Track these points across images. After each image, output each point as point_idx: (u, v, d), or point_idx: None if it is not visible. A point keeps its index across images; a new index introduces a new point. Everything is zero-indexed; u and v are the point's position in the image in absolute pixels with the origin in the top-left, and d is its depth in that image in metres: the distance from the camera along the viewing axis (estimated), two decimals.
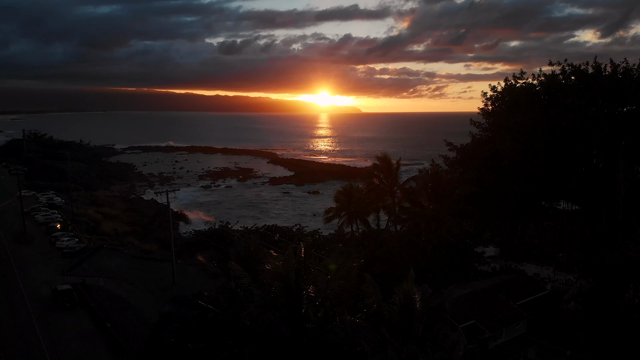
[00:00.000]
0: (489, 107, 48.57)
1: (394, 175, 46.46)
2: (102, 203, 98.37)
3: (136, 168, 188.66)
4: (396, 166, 48.09)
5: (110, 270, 56.41)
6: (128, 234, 78.35)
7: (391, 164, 47.11)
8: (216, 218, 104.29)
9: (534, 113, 40.89)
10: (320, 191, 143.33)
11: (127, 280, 53.28)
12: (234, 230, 62.90)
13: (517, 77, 47.26)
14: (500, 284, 35.23)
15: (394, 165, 47.72)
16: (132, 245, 69.21)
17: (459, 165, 47.10)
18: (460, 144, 49.32)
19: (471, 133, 50.10)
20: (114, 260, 60.41)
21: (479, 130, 49.10)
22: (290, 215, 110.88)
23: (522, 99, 43.79)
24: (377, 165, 48.75)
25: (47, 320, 44.05)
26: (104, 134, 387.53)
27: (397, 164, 48.00)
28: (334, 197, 48.86)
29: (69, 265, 57.15)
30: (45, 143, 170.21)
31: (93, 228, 75.81)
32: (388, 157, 47.97)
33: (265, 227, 62.88)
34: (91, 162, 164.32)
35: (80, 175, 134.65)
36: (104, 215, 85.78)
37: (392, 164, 47.54)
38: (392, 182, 45.99)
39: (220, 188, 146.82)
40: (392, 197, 46.04)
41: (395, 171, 47.11)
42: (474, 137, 49.22)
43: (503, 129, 42.39)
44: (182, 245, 64.23)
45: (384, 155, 48.61)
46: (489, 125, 47.59)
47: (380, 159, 48.27)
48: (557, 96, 42.52)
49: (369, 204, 46.62)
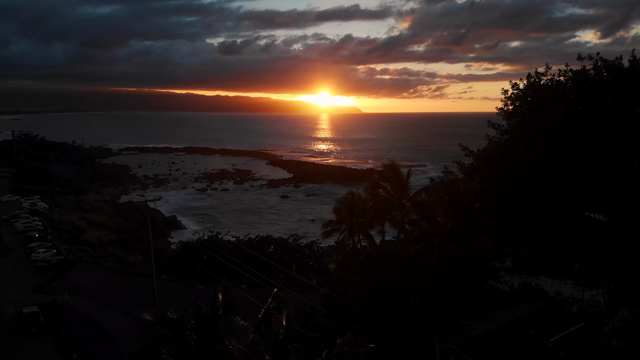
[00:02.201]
0: (509, 106, 43.14)
1: (403, 186, 40.26)
2: (88, 208, 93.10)
3: (131, 170, 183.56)
4: (406, 176, 42.18)
5: (87, 286, 51.21)
6: (113, 243, 73.17)
7: (400, 174, 40.95)
8: (209, 225, 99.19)
9: (565, 114, 35.49)
10: (320, 194, 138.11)
11: (104, 299, 48.06)
12: (224, 242, 57.64)
13: (540, 73, 41.87)
14: (528, 316, 29.97)
15: (403, 176, 41.86)
16: (115, 256, 64.03)
17: (475, 172, 41.51)
18: (477, 148, 43.70)
19: (488, 136, 44.58)
20: (92, 274, 55.20)
21: (497, 133, 43.56)
22: (288, 220, 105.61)
23: (550, 98, 38.40)
24: (383, 174, 42.34)
25: (10, 348, 38.92)
26: (102, 135, 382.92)
27: (407, 175, 41.81)
28: (333, 209, 43.21)
29: (42, 280, 51.97)
30: (36, 144, 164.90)
31: (74, 237, 70.56)
32: (396, 165, 41.79)
33: (259, 238, 57.69)
34: (83, 164, 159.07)
35: (71, 178, 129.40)
36: (89, 222, 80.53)
37: (402, 174, 41.56)
38: (401, 194, 40.10)
39: (217, 191, 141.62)
40: (402, 212, 40.34)
41: (405, 182, 41.06)
42: (491, 140, 43.66)
43: (529, 132, 36.97)
44: (169, 257, 59.01)
45: (391, 163, 42.41)
46: (510, 128, 42.09)
47: (388, 167, 42.06)
48: (589, 95, 37.09)
49: (373, 219, 40.99)
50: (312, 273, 54.78)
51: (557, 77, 40.72)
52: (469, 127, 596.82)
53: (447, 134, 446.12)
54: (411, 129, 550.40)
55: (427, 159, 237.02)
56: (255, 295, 47.92)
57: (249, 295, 49.13)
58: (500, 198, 35.34)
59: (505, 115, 42.84)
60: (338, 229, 41.49)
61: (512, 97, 42.63)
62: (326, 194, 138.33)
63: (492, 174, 38.69)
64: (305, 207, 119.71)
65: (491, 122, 43.36)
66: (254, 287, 50.23)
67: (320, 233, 44.79)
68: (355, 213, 39.54)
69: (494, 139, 43.23)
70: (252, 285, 50.14)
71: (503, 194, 36.49)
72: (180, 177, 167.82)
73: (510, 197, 36.46)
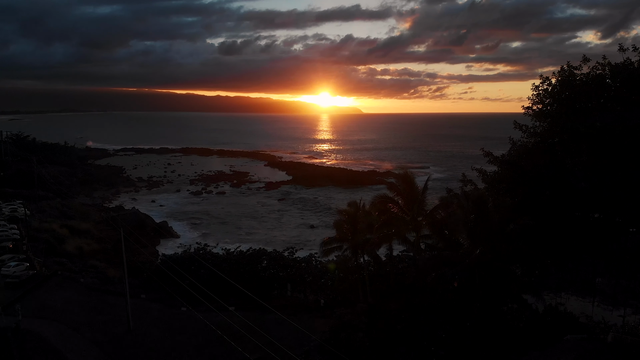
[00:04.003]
0: (538, 105, 37.19)
1: (419, 201, 33.98)
2: (73, 214, 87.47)
3: (125, 171, 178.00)
4: (422, 189, 35.83)
5: (56, 307, 45.54)
6: (95, 254, 67.59)
7: (415, 187, 34.39)
8: (202, 232, 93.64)
9: (615, 114, 29.65)
10: (320, 198, 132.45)
11: (73, 323, 42.36)
12: (212, 255, 52.01)
13: (574, 67, 36.05)
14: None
15: (418, 188, 35.58)
16: (94, 270, 58.45)
17: (501, 182, 35.44)
18: (501, 154, 37.67)
19: (511, 138, 38.58)
20: (65, 292, 49.51)
21: (524, 135, 37.59)
22: (285, 226, 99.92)
23: (592, 95, 32.65)
24: (395, 186, 35.53)
25: None
26: (100, 135, 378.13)
27: (423, 188, 35.13)
28: (333, 223, 37.41)
29: (8, 300, 46.30)
30: (26, 146, 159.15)
31: (52, 247, 64.91)
32: (410, 176, 34.98)
33: (251, 251, 52.05)
34: (74, 165, 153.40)
35: (60, 180, 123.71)
36: (71, 229, 74.91)
37: (417, 187, 35.16)
38: (417, 211, 33.84)
39: (212, 194, 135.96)
40: (417, 232, 34.28)
41: (422, 196, 34.64)
42: (515, 143, 37.67)
43: (568, 135, 31.17)
44: (151, 271, 53.34)
45: (404, 173, 35.41)
46: (543, 129, 36.05)
47: (400, 178, 35.16)
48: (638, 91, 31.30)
49: (382, 239, 34.97)
50: (310, 289, 49.19)
51: (596, 70, 34.84)
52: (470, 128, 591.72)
53: (448, 135, 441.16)
54: (412, 130, 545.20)
55: (429, 160, 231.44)
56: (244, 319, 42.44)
57: (238, 317, 43.64)
58: (534, 215, 29.64)
59: (536, 116, 36.86)
60: (339, 247, 35.83)
61: (542, 95, 36.71)
62: (326, 198, 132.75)
63: (522, 185, 32.63)
64: (303, 212, 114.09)
65: (518, 124, 37.41)
66: (243, 308, 44.73)
67: (320, 250, 39.04)
68: (359, 229, 33.86)
69: (518, 142, 37.35)
70: (241, 307, 44.66)
71: (537, 209, 30.65)
72: (176, 179, 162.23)
73: (550, 214, 30.56)
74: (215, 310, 41.98)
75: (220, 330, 38.95)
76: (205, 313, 43.73)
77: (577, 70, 35.66)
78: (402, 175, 34.49)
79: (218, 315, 42.70)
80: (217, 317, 42.31)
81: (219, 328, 39.34)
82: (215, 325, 40.23)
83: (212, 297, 46.36)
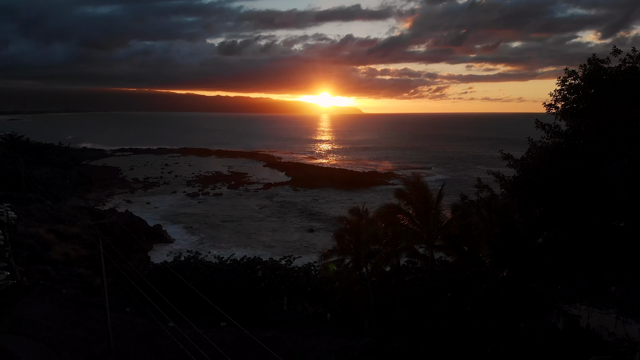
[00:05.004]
0: (560, 103, 33.60)
1: (433, 212, 30.05)
2: (63, 218, 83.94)
3: (121, 172, 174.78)
4: (436, 198, 30.46)
5: (35, 322, 42.01)
6: (82, 261, 64.09)
7: (429, 196, 30.30)
8: (196, 237, 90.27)
9: None
10: (320, 200, 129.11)
11: (51, 340, 38.91)
12: (203, 264, 48.56)
13: (600, 60, 32.53)
14: None
15: (432, 196, 30.51)
16: (79, 279, 54.98)
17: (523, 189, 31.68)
18: (521, 156, 33.96)
19: (530, 140, 34.87)
20: (45, 305, 46.04)
21: (546, 136, 33.93)
22: (284, 230, 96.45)
23: (628, 91, 29.10)
24: (404, 194, 30.78)
25: None
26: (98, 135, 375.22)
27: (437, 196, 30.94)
28: (334, 234, 33.84)
29: None
30: (19, 146, 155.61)
31: (37, 254, 61.47)
32: (424, 184, 29.77)
33: (245, 260, 48.63)
34: (68, 166, 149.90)
35: (52, 182, 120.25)
36: (58, 234, 71.45)
37: (431, 196, 30.46)
38: (431, 224, 29.84)
39: (209, 196, 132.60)
40: (430, 247, 30.39)
41: (437, 206, 30.53)
42: (536, 145, 34.02)
43: (602, 137, 27.54)
44: (139, 281, 49.83)
45: (415, 180, 30.76)
46: (572, 130, 32.34)
47: (411, 185, 30.52)
48: None
49: (390, 255, 31.12)
50: (309, 301, 45.76)
51: (627, 63, 31.34)
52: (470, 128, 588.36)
53: (449, 135, 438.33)
54: (412, 130, 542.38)
55: (431, 160, 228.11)
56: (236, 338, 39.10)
57: (230, 335, 40.32)
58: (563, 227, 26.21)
59: (563, 114, 33.17)
60: (341, 261, 32.35)
61: (565, 90, 33.13)
62: (326, 200, 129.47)
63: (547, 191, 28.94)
64: (304, 214, 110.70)
65: (540, 123, 33.79)
66: (235, 324, 41.33)
67: (320, 264, 35.52)
68: (363, 240, 30.39)
69: (538, 144, 33.77)
70: (234, 323, 41.26)
71: (566, 220, 27.10)
72: (172, 180, 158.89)
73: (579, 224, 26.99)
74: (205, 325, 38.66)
75: (210, 349, 35.63)
76: (193, 329, 40.39)
77: (603, 64, 32.23)
78: (412, 182, 30.36)
79: (209, 330, 39.43)
80: (207, 333, 38.99)
81: (209, 346, 36.03)
82: (204, 343, 36.88)
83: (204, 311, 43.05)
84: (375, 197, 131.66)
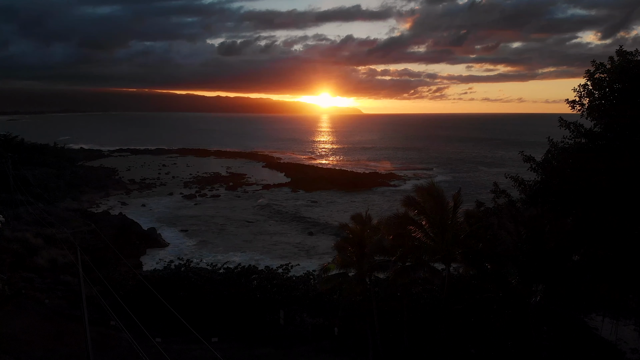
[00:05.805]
0: (585, 99, 30.56)
1: (450, 224, 26.21)
2: (53, 221, 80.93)
3: (117, 173, 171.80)
4: (452, 207, 26.19)
5: (13, 337, 39.00)
6: (70, 267, 60.99)
7: (445, 205, 26.48)
8: (192, 241, 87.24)
9: None
10: (320, 202, 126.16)
11: (30, 357, 36.05)
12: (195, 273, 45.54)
13: (628, 53, 29.51)
14: None
15: (449, 205, 26.12)
16: (65, 287, 52.10)
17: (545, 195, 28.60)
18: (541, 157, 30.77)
19: (551, 140, 31.67)
20: (25, 317, 43.11)
21: (569, 136, 30.80)
22: (283, 233, 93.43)
23: None
24: (416, 203, 26.74)
25: None
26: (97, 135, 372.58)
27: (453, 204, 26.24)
28: (335, 245, 30.73)
29: None
30: (14, 147, 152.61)
31: (21, 260, 58.58)
32: (439, 190, 25.99)
33: (240, 269, 45.62)
34: (63, 167, 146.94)
35: (45, 183, 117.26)
36: (46, 239, 68.51)
37: (447, 205, 25.85)
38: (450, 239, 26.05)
39: (206, 197, 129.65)
40: (447, 265, 26.81)
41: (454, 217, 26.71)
42: (556, 145, 30.90)
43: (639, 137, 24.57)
44: (125, 293, 46.86)
45: (430, 186, 26.74)
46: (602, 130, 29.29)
47: (424, 193, 26.44)
48: None
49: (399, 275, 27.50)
50: (309, 313, 42.74)
51: None
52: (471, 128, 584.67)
53: (449, 136, 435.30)
54: (412, 130, 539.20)
55: (432, 161, 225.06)
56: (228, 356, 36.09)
57: (222, 352, 37.28)
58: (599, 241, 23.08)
59: (591, 112, 29.92)
60: (343, 275, 29.31)
61: (591, 86, 30.01)
62: (325, 203, 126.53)
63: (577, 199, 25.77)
64: (303, 217, 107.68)
65: (565, 121, 30.60)
66: (227, 339, 38.42)
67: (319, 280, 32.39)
68: (368, 252, 27.38)
69: (560, 144, 30.69)
70: (226, 338, 38.35)
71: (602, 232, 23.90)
72: (169, 182, 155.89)
73: (617, 238, 23.79)
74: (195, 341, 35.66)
75: None
76: (182, 345, 37.49)
77: (631, 56, 29.25)
78: (427, 189, 26.39)
79: (199, 347, 36.47)
80: (196, 350, 36.12)
81: None
82: None
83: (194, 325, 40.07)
84: (376, 198, 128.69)
